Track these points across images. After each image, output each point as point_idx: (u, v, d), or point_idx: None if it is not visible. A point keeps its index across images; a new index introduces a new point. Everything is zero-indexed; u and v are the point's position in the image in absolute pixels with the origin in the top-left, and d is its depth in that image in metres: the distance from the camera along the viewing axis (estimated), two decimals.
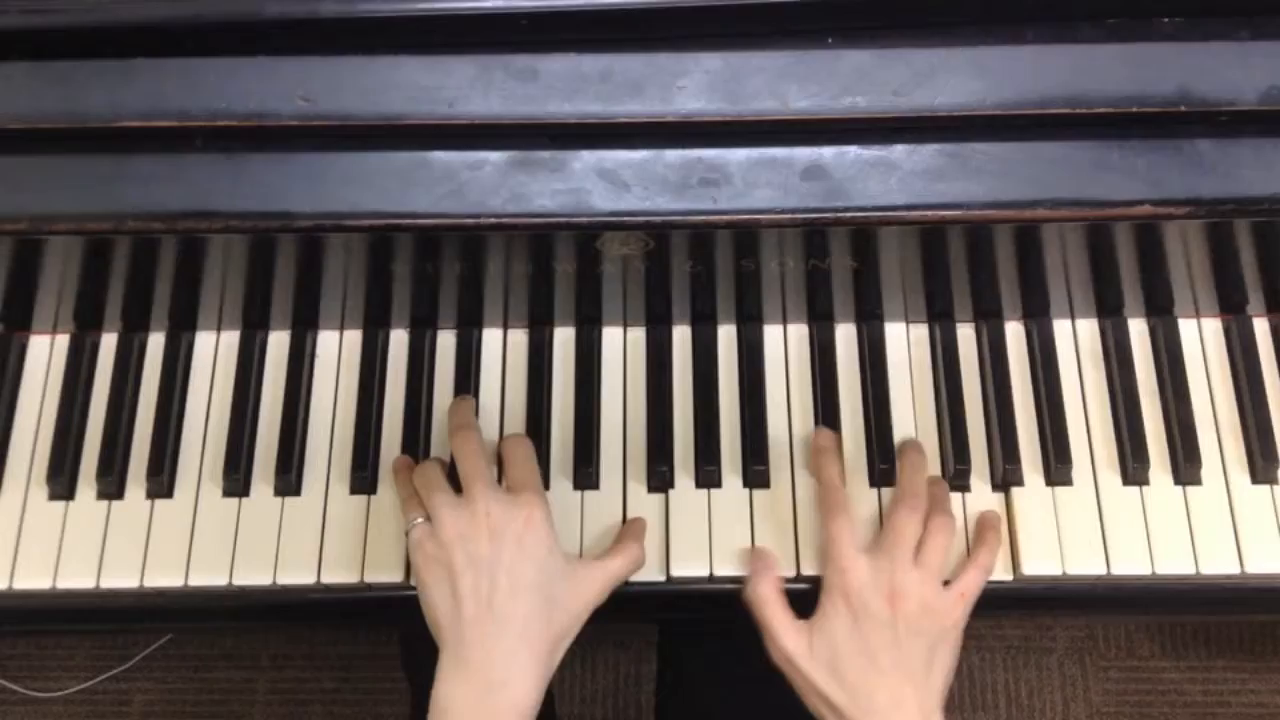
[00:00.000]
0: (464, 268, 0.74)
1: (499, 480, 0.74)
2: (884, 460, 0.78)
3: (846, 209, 0.62)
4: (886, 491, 0.78)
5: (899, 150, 0.63)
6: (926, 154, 0.62)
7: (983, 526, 0.77)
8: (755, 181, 0.63)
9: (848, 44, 0.64)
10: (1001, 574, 0.76)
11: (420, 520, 0.71)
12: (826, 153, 0.63)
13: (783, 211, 0.62)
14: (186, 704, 1.50)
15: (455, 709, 0.65)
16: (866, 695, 0.67)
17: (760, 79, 0.63)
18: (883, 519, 0.75)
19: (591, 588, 0.70)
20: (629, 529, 0.77)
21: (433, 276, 0.76)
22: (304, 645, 1.51)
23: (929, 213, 0.62)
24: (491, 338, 0.84)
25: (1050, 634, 1.50)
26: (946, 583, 0.72)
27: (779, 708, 0.75)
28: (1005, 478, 0.78)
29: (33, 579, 0.77)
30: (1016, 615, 0.76)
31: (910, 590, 0.69)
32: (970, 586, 0.72)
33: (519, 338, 0.84)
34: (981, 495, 0.78)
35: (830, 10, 0.64)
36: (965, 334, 0.82)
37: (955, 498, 0.78)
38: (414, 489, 0.73)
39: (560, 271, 0.76)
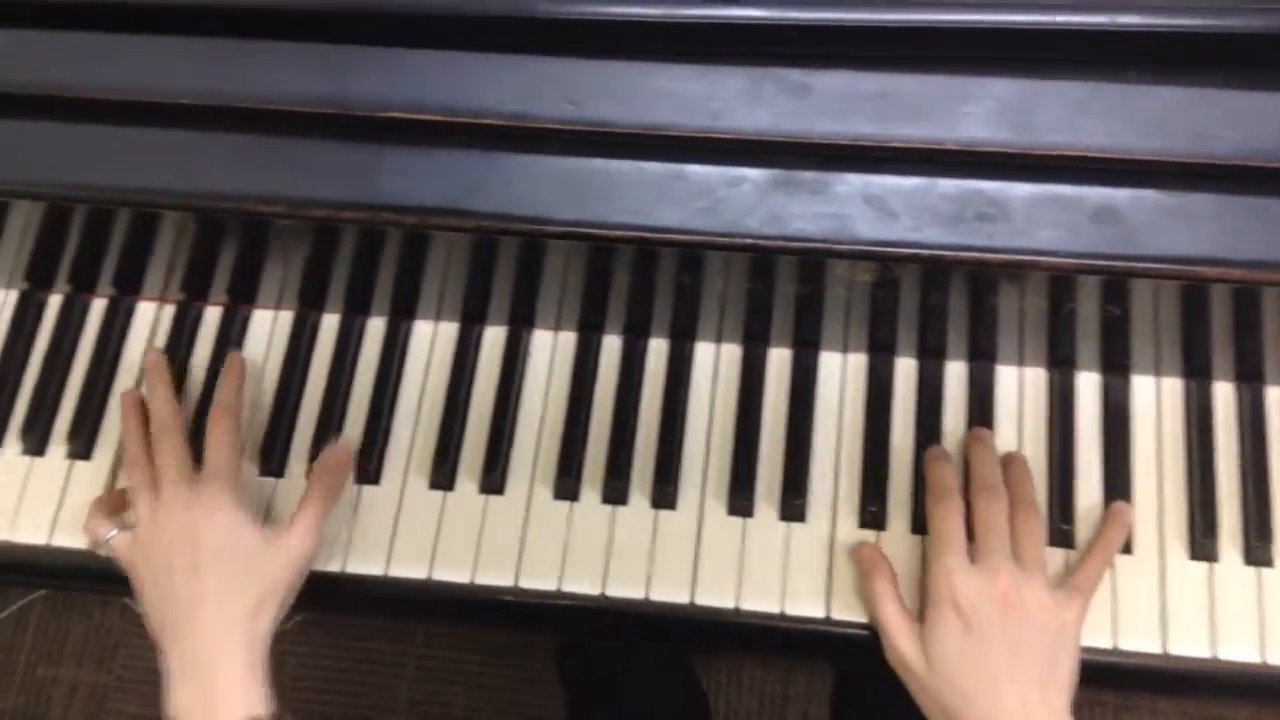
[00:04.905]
0: (694, 280, 0.72)
1: None
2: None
3: (1141, 258, 0.57)
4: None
5: (1204, 200, 0.57)
6: (1236, 206, 0.57)
7: (1110, 519, 0.73)
8: (1039, 220, 0.58)
9: (1153, 78, 0.59)
10: (1199, 650, 0.71)
11: (114, 534, 0.72)
12: (1120, 195, 0.58)
13: (1068, 255, 0.57)
14: (337, 670, 1.53)
15: (184, 709, 0.64)
16: (992, 704, 0.63)
17: (1054, 110, 0.59)
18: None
19: (287, 547, 0.70)
20: (320, 465, 0.75)
21: (656, 285, 0.74)
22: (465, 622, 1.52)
23: (1233, 271, 0.57)
24: (704, 351, 0.81)
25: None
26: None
27: None
28: (1255, 555, 0.72)
29: None
30: (1202, 698, 0.71)
31: (1022, 590, 0.65)
32: (1086, 581, 0.69)
33: (732, 353, 0.81)
34: (1231, 567, 0.72)
35: (1137, 41, 0.59)
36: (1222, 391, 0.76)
37: (1201, 568, 0.72)
38: (97, 507, 0.75)
39: (785, 291, 0.72)
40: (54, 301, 0.84)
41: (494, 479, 0.78)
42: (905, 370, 0.79)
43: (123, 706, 1.53)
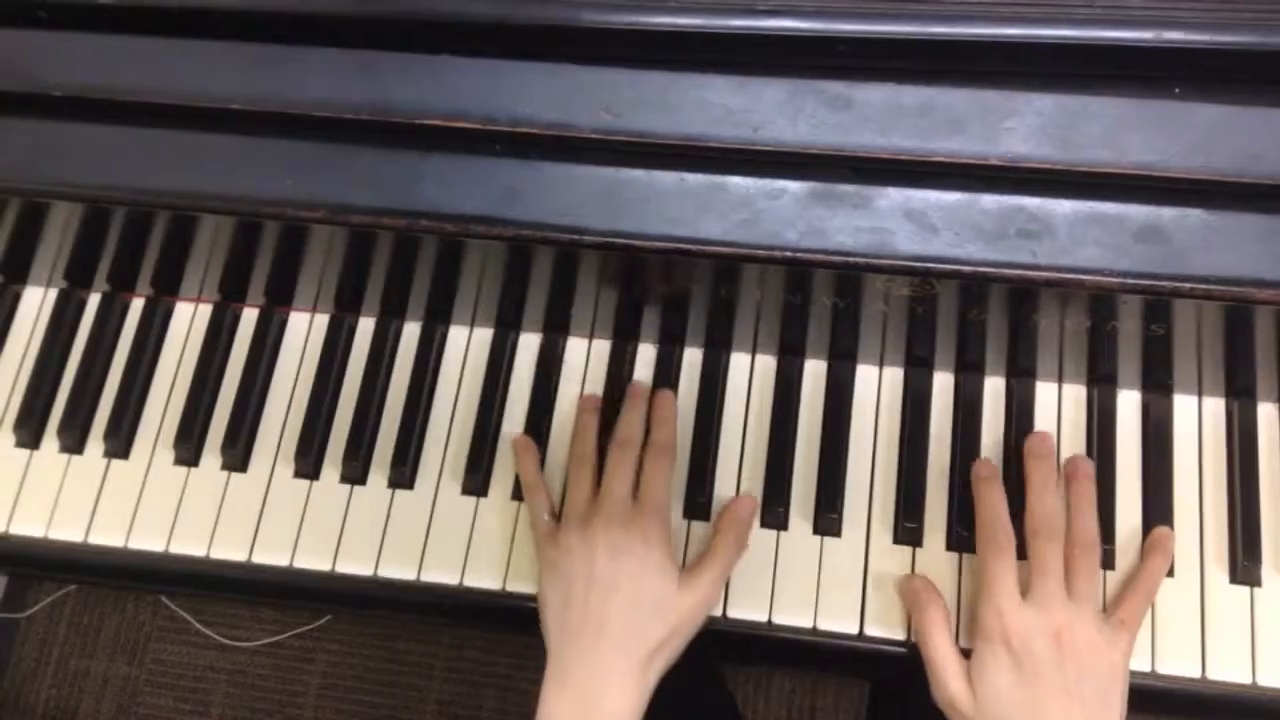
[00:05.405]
0: (731, 291, 0.71)
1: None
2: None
3: (1186, 278, 0.56)
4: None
5: (1251, 219, 0.56)
6: None
7: (1152, 547, 0.71)
8: (1082, 238, 0.57)
9: (1198, 96, 0.58)
10: (1239, 676, 0.70)
11: (547, 517, 0.73)
12: (1166, 214, 0.57)
13: (1112, 274, 0.57)
14: (367, 670, 1.54)
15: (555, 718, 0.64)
16: None
17: (1097, 126, 0.58)
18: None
19: (695, 594, 0.69)
20: (728, 515, 0.74)
21: (692, 295, 0.73)
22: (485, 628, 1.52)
23: None
24: (739, 361, 0.81)
25: None
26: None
27: None
28: None
29: (230, 551, 0.79)
30: None
31: (1075, 629, 0.64)
32: (1133, 616, 0.68)
33: (768, 364, 0.80)
34: (1274, 592, 0.71)
35: (1183, 57, 0.58)
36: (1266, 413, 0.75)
37: (1243, 592, 0.71)
38: (538, 480, 0.76)
39: (822, 304, 0.72)
40: (93, 301, 0.85)
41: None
42: (943, 385, 0.78)
43: (154, 700, 1.54)
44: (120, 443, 0.81)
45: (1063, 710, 0.62)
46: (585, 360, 0.82)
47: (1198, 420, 0.75)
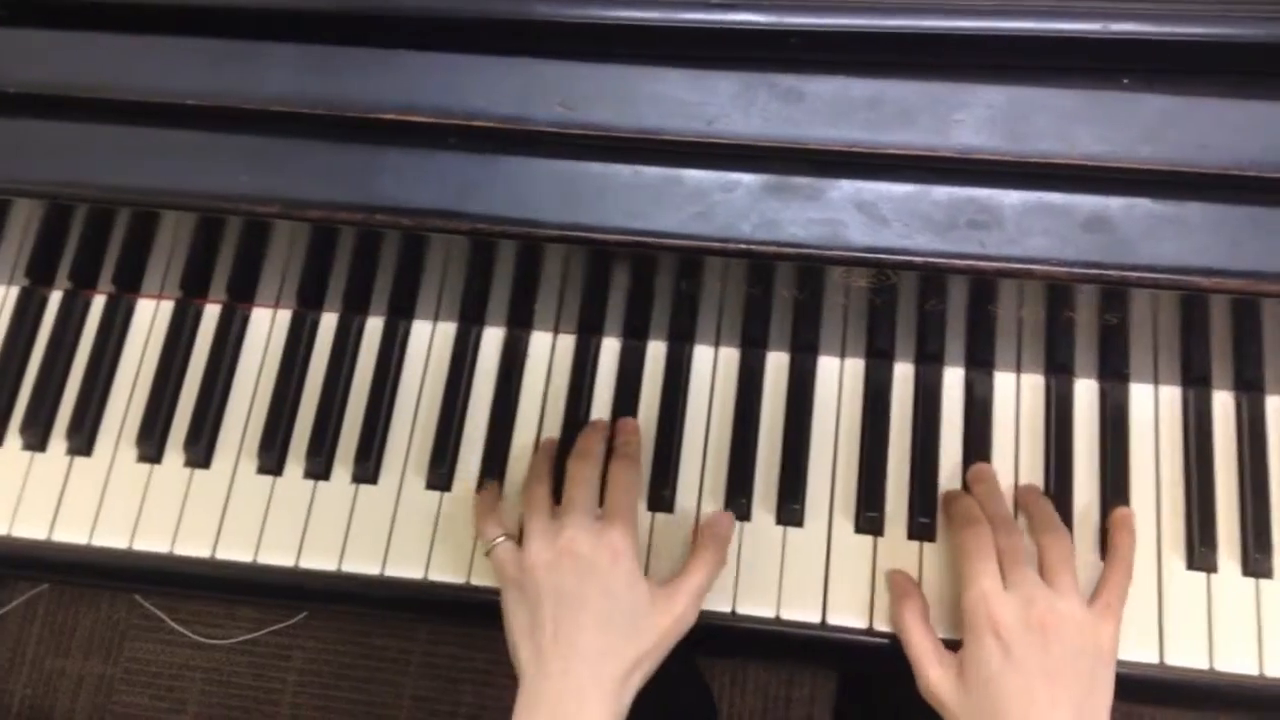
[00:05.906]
0: (689, 284, 0.72)
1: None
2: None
3: (1134, 267, 0.56)
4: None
5: (1198, 209, 0.57)
6: (1231, 215, 0.57)
7: (1116, 528, 0.72)
8: (1030, 228, 0.58)
9: (1146, 87, 0.58)
10: (1196, 661, 0.71)
11: (502, 539, 0.70)
12: (1114, 204, 0.58)
13: (1060, 263, 0.57)
14: (344, 665, 1.54)
15: None
16: None
17: (1046, 117, 0.58)
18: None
19: (672, 612, 0.68)
20: (708, 530, 0.74)
21: (652, 289, 0.74)
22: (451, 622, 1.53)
23: (1229, 281, 0.56)
24: (702, 354, 0.81)
25: None
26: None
27: None
28: (1254, 567, 0.72)
29: (194, 547, 0.79)
30: (1199, 710, 0.71)
31: (1060, 611, 0.65)
32: (1115, 597, 0.68)
33: (730, 357, 0.81)
34: (1230, 578, 0.72)
35: (1131, 49, 0.58)
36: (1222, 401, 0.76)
37: (1199, 578, 0.72)
38: (489, 506, 0.73)
39: (783, 296, 0.72)
40: (54, 298, 0.85)
41: (489, 480, 0.78)
42: (903, 375, 0.79)
43: (129, 698, 1.54)
44: (83, 440, 0.81)
45: (1049, 693, 0.62)
46: (550, 354, 0.82)
47: (1154, 408, 0.76)
